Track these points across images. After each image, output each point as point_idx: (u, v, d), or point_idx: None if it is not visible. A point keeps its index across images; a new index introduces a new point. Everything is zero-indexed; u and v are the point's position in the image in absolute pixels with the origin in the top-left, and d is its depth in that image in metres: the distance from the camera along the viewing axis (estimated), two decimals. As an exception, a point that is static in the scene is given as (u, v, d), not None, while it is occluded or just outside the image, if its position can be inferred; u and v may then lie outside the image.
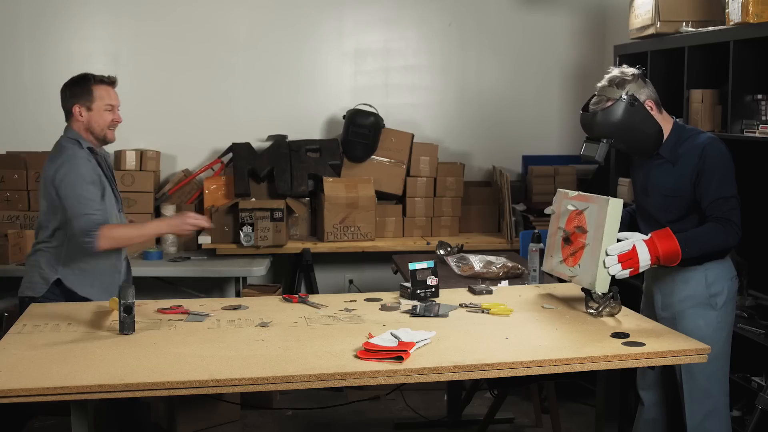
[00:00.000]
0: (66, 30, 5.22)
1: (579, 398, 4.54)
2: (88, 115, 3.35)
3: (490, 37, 5.52)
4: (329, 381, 2.39)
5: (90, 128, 3.36)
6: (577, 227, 3.05)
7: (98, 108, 3.35)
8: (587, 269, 2.96)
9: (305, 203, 5.12)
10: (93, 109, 3.35)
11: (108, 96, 3.39)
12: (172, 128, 5.32)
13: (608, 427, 2.84)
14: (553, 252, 3.18)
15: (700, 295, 3.04)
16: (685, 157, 3.02)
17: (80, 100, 3.35)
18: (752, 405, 3.10)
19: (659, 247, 2.84)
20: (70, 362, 2.45)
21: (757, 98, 3.48)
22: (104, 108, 3.36)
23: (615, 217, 2.91)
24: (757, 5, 3.38)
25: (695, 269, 3.04)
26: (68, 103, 3.38)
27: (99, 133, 3.38)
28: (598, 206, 2.97)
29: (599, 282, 2.90)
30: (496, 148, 5.55)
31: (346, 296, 3.33)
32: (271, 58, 5.36)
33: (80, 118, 3.35)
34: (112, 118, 3.39)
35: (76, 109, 3.35)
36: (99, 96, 3.36)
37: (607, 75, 3.08)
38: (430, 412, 4.47)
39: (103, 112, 3.36)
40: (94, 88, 3.36)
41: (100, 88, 3.38)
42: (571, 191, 3.18)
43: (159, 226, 3.40)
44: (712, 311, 3.05)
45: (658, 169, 3.10)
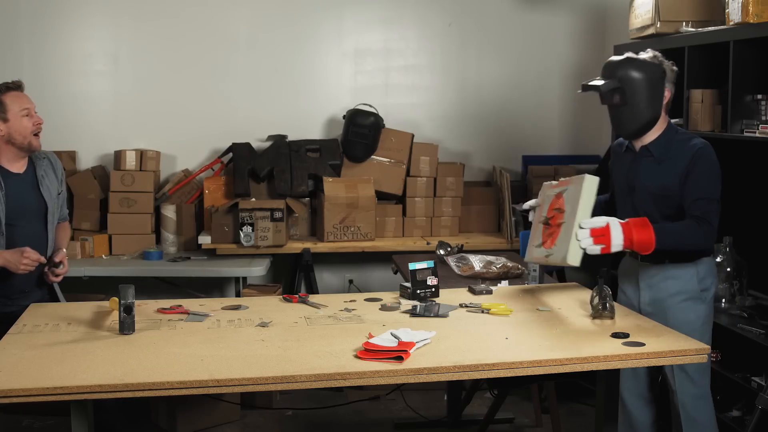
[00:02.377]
0: (66, 30, 5.22)
1: (579, 398, 4.54)
2: (5, 127, 3.20)
3: (490, 37, 5.52)
4: (329, 381, 2.39)
5: (11, 140, 3.21)
6: (555, 209, 3.09)
7: (14, 116, 3.20)
8: (562, 246, 2.96)
9: (305, 203, 5.12)
10: (9, 119, 3.20)
11: (20, 101, 3.24)
12: (172, 128, 5.32)
13: (608, 427, 2.84)
14: (534, 240, 3.20)
15: (692, 289, 3.10)
16: (676, 158, 3.05)
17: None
18: (752, 405, 3.10)
19: (634, 232, 2.85)
20: (70, 362, 2.45)
21: (757, 98, 3.49)
22: (21, 114, 3.21)
23: (590, 192, 2.93)
24: (757, 5, 3.38)
25: (687, 266, 3.10)
26: None
27: (22, 143, 3.23)
28: (574, 185, 3.00)
29: (571, 254, 2.88)
30: (496, 148, 5.55)
31: (346, 296, 3.33)
32: (271, 58, 5.36)
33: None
34: (31, 121, 3.24)
35: None
36: (11, 104, 3.21)
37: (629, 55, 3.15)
38: (430, 412, 4.47)
39: (21, 118, 3.21)
40: (4, 97, 3.21)
41: (10, 95, 3.22)
42: (554, 181, 3.22)
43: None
44: (702, 305, 3.11)
45: (645, 167, 3.12)
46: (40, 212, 3.33)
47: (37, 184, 3.33)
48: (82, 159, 5.26)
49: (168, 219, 5.03)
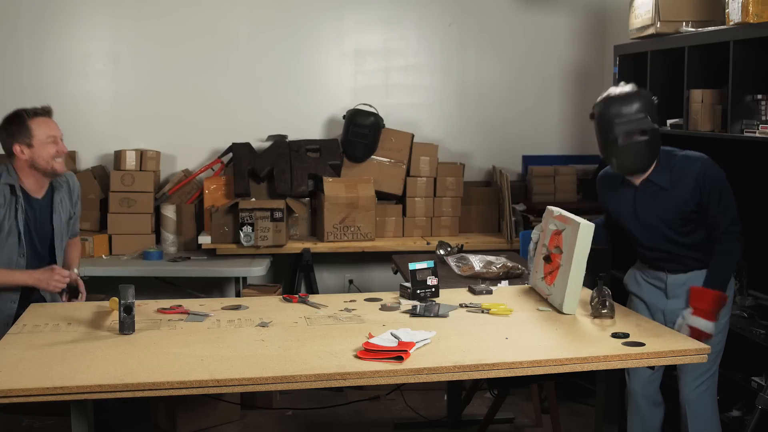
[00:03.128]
0: (66, 30, 5.22)
1: (579, 398, 4.54)
2: (30, 152, 3.23)
3: (490, 37, 5.52)
4: (329, 381, 2.39)
5: (34, 164, 3.25)
6: (555, 247, 3.11)
7: (39, 143, 3.24)
8: (559, 290, 3.03)
9: (305, 203, 5.12)
10: (34, 145, 3.23)
11: (48, 128, 3.27)
12: (172, 128, 5.32)
13: (608, 427, 2.85)
14: (538, 268, 3.25)
15: None
16: (681, 182, 3.06)
17: (19, 139, 3.23)
18: (752, 405, 3.10)
19: (706, 308, 2.98)
20: (70, 362, 2.45)
21: (757, 98, 3.48)
22: (46, 141, 3.25)
23: (585, 241, 2.96)
24: (757, 5, 3.38)
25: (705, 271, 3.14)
26: (7, 143, 3.26)
27: (45, 167, 3.27)
28: (572, 228, 3.01)
29: (567, 304, 2.98)
30: (496, 148, 5.55)
31: (346, 296, 3.33)
32: (271, 58, 5.35)
33: (22, 156, 3.24)
34: (56, 149, 3.28)
35: (17, 149, 3.23)
36: (38, 131, 3.24)
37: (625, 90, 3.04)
38: (430, 412, 4.47)
39: (46, 145, 3.25)
40: (31, 123, 3.24)
41: (38, 121, 3.26)
42: (556, 209, 3.22)
43: (26, 278, 3.22)
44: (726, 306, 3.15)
45: (653, 198, 3.12)
46: (47, 237, 3.38)
47: (51, 211, 3.38)
48: (82, 159, 5.25)
49: (168, 219, 5.03)
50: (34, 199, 3.32)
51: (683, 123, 3.90)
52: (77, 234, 3.66)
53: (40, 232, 3.35)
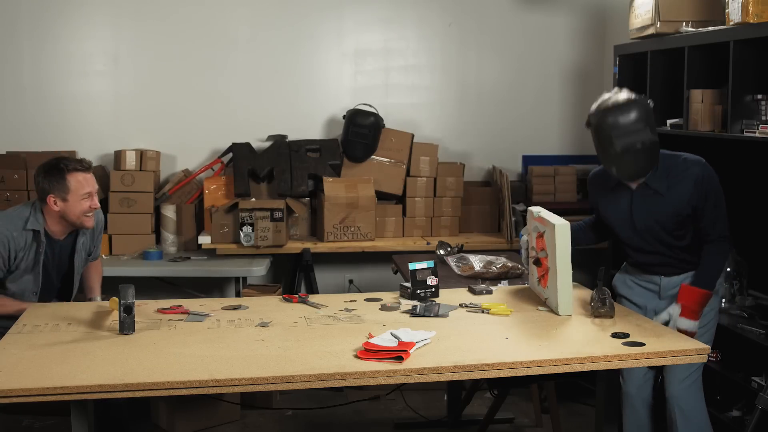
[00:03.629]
0: (66, 30, 5.22)
1: (579, 398, 4.54)
2: (63, 206, 3.24)
3: (490, 37, 5.52)
4: (329, 381, 2.40)
5: (65, 216, 3.26)
6: (541, 250, 3.12)
7: (74, 198, 3.24)
8: (552, 293, 3.03)
9: (305, 203, 5.12)
10: (69, 200, 3.24)
11: (85, 184, 3.26)
12: (172, 128, 5.32)
13: (608, 427, 2.85)
14: (533, 271, 3.27)
15: None
16: (679, 186, 3.07)
17: (55, 191, 3.22)
18: (752, 405, 3.09)
19: (693, 307, 3.02)
20: (70, 362, 2.45)
21: (757, 98, 3.48)
22: (81, 198, 3.25)
23: (564, 241, 2.96)
24: (757, 5, 3.38)
25: None
26: (42, 192, 3.25)
27: (75, 221, 3.28)
28: (549, 230, 3.01)
29: (561, 306, 2.98)
30: (496, 148, 5.55)
31: (346, 296, 3.33)
32: (271, 58, 5.35)
33: (54, 207, 3.24)
34: (89, 204, 3.28)
35: (50, 200, 3.23)
36: (75, 186, 3.24)
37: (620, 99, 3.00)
38: (430, 412, 4.47)
39: (81, 201, 3.25)
40: (69, 177, 3.23)
41: (76, 176, 3.25)
42: (536, 209, 3.22)
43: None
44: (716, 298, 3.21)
45: (647, 200, 3.12)
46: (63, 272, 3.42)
47: (73, 252, 3.39)
48: (82, 159, 5.26)
49: (168, 219, 5.03)
50: (56, 241, 3.33)
51: (683, 123, 3.90)
52: (97, 258, 3.66)
53: (58, 269, 3.38)
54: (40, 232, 3.25)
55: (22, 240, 3.22)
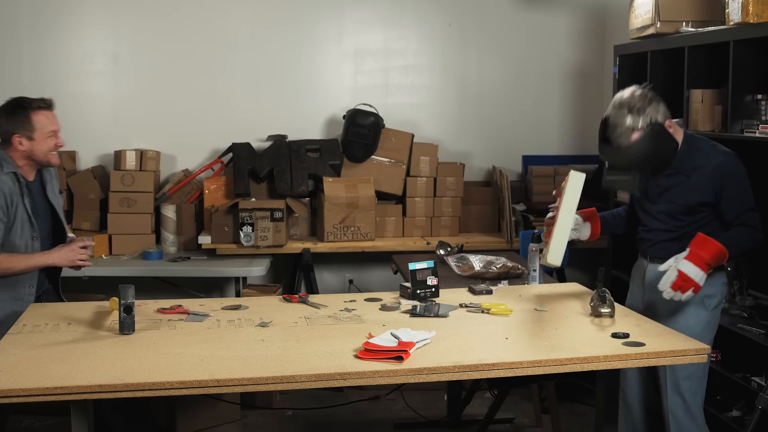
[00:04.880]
0: (66, 30, 5.22)
1: (579, 398, 4.54)
2: (29, 144, 3.24)
3: (490, 37, 5.52)
4: (329, 381, 2.40)
5: (32, 156, 3.26)
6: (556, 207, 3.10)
7: (40, 136, 3.24)
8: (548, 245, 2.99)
9: (305, 203, 5.12)
10: (35, 138, 3.24)
11: (49, 122, 3.27)
12: (172, 128, 5.32)
13: (608, 427, 2.85)
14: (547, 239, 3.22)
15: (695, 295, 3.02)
16: (701, 171, 3.03)
17: (20, 130, 3.22)
18: (752, 405, 3.09)
19: (703, 254, 2.87)
20: (70, 362, 2.45)
21: (757, 98, 3.49)
22: (47, 135, 3.26)
23: (574, 188, 2.95)
24: (757, 5, 3.38)
25: None
26: (6, 133, 3.24)
27: (42, 159, 3.28)
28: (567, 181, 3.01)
29: (550, 255, 2.94)
30: (496, 148, 5.55)
31: (346, 296, 3.33)
32: (271, 58, 5.35)
33: (20, 147, 3.24)
34: (55, 143, 3.29)
35: (15, 140, 3.23)
36: (40, 124, 3.24)
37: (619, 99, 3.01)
38: (430, 412, 4.47)
39: (47, 139, 3.26)
40: (33, 116, 3.24)
41: (40, 114, 3.25)
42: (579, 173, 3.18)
43: (45, 258, 3.26)
44: (704, 311, 3.10)
45: (670, 180, 3.10)
46: (48, 216, 3.40)
47: (44, 190, 3.40)
48: (82, 159, 5.25)
49: (168, 219, 5.03)
50: (29, 183, 3.33)
51: (683, 123, 3.90)
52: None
53: (41, 214, 3.37)
54: (18, 173, 3.27)
55: (9, 183, 3.22)
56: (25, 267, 3.24)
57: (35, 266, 3.26)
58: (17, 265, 3.22)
